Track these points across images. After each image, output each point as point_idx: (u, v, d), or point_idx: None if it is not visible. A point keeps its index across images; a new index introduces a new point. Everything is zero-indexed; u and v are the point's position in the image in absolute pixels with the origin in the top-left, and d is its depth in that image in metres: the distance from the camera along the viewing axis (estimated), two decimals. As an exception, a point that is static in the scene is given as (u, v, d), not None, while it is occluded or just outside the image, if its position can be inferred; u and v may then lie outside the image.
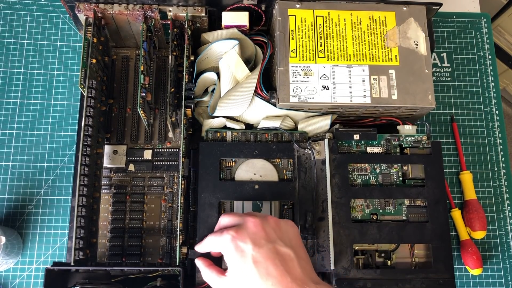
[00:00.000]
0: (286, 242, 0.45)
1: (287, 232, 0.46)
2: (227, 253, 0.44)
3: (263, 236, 0.44)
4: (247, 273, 0.42)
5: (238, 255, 0.43)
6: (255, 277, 0.42)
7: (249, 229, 0.44)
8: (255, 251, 0.43)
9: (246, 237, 0.43)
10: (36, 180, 0.63)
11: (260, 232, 0.44)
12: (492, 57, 0.74)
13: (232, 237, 0.44)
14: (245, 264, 0.43)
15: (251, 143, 0.58)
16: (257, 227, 0.44)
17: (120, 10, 0.57)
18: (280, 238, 0.44)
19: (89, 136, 0.54)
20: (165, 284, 0.54)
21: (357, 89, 0.57)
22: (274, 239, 0.44)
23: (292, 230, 0.47)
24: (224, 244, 0.44)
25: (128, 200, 0.60)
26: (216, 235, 0.46)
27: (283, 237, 0.45)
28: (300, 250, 0.45)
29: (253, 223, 0.45)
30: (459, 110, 0.71)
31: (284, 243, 0.44)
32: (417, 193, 0.56)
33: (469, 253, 0.64)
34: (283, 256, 0.43)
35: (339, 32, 0.58)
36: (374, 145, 0.58)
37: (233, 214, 0.48)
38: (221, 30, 0.61)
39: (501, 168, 0.69)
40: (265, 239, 0.44)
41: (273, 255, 0.43)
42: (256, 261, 0.42)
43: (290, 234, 0.46)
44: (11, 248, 0.58)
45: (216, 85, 0.60)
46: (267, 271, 0.42)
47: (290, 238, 0.45)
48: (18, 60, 0.67)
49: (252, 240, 0.43)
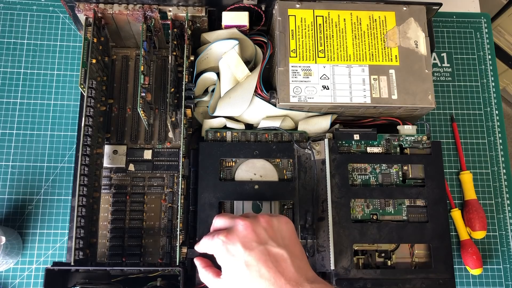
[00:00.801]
0: (279, 241, 0.44)
1: (280, 231, 0.45)
2: (219, 257, 0.44)
3: (253, 239, 0.43)
4: (240, 277, 0.42)
5: (229, 259, 0.43)
6: (248, 280, 0.42)
7: (239, 233, 0.44)
8: (247, 255, 0.42)
9: (237, 240, 0.43)
10: (36, 180, 0.63)
11: (250, 234, 0.43)
12: (492, 57, 0.74)
13: (223, 242, 0.43)
14: (237, 268, 0.42)
15: (251, 143, 0.58)
16: (247, 230, 0.44)
17: (120, 10, 0.57)
18: (272, 238, 0.44)
19: (89, 136, 0.54)
20: (165, 284, 0.54)
21: (357, 89, 0.57)
22: (265, 240, 0.43)
23: (286, 228, 0.46)
24: (215, 248, 0.44)
25: (128, 200, 0.60)
26: (208, 239, 0.45)
27: (276, 236, 0.44)
28: (295, 247, 0.45)
29: (243, 226, 0.44)
30: (459, 110, 0.71)
31: (277, 243, 0.43)
32: (417, 193, 0.56)
33: (469, 253, 0.64)
34: (276, 257, 0.43)
35: (339, 32, 0.58)
36: (374, 145, 0.58)
37: (226, 216, 0.47)
38: (221, 30, 0.61)
39: (501, 168, 0.69)
40: (256, 241, 0.43)
41: (265, 257, 0.42)
42: (248, 264, 0.42)
43: (283, 232, 0.45)
44: (11, 248, 0.58)
45: (216, 85, 0.60)
46: (260, 273, 0.42)
47: (284, 237, 0.45)
48: (18, 60, 0.67)
49: (242, 243, 0.43)
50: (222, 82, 0.60)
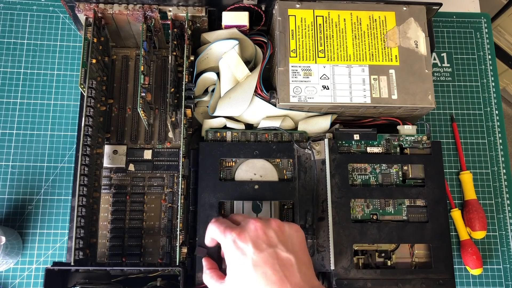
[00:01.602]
0: (288, 247, 0.44)
1: (290, 237, 0.45)
2: (228, 253, 0.44)
3: (264, 240, 0.43)
4: (245, 276, 0.42)
5: (238, 256, 0.43)
6: (253, 281, 0.42)
7: (251, 232, 0.44)
8: (256, 255, 0.42)
9: (248, 239, 0.43)
10: (36, 180, 0.63)
11: (262, 235, 0.44)
12: (492, 57, 0.74)
13: (234, 238, 0.44)
14: (244, 266, 0.43)
15: (251, 143, 0.58)
16: (260, 231, 0.44)
17: (120, 10, 0.57)
18: (282, 242, 0.44)
19: (89, 136, 0.54)
20: (165, 284, 0.54)
21: (357, 89, 0.57)
22: (275, 244, 0.44)
23: (296, 235, 0.46)
24: (226, 244, 0.44)
25: (128, 200, 0.60)
26: (220, 232, 0.45)
27: (286, 241, 0.44)
28: (303, 255, 0.45)
29: (255, 226, 0.44)
30: (459, 110, 0.71)
31: (286, 248, 0.44)
32: (417, 193, 0.56)
33: (469, 253, 0.64)
34: (283, 261, 0.43)
35: (339, 32, 0.58)
36: (374, 145, 0.58)
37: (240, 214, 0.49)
38: (221, 30, 0.61)
39: (501, 168, 0.69)
40: (267, 243, 0.43)
41: (273, 260, 0.42)
42: (255, 264, 0.42)
43: (293, 239, 0.45)
44: (11, 248, 0.58)
45: (216, 85, 0.60)
46: (265, 275, 0.42)
47: (293, 243, 0.45)
48: (18, 60, 0.67)
49: (253, 242, 0.43)
50: (222, 82, 0.60)
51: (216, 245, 0.50)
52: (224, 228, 0.45)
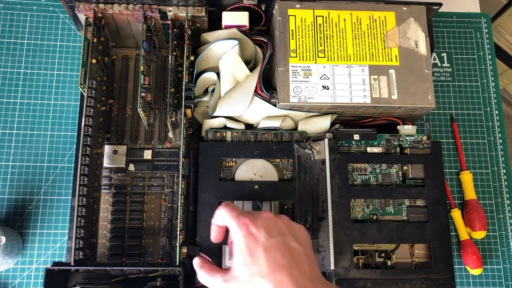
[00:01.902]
0: (297, 239, 0.45)
1: (297, 232, 0.47)
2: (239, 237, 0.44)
3: (276, 228, 0.45)
4: (254, 261, 0.43)
5: (249, 241, 0.44)
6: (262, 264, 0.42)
7: (264, 220, 0.45)
8: (267, 240, 0.43)
9: (261, 226, 0.44)
10: (36, 180, 0.63)
11: (273, 224, 0.45)
12: (492, 57, 0.74)
13: (248, 224, 0.45)
14: (255, 251, 0.43)
15: (251, 143, 0.58)
16: (271, 220, 0.46)
17: (120, 10, 0.57)
18: (292, 234, 0.45)
19: (89, 136, 0.54)
20: (165, 284, 0.54)
21: (357, 89, 0.57)
22: (285, 233, 0.45)
23: (302, 233, 0.47)
24: (238, 229, 0.45)
25: (128, 200, 0.60)
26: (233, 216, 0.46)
27: (294, 233, 0.46)
28: (309, 251, 0.46)
29: (267, 216, 0.46)
30: (459, 110, 0.71)
31: (295, 239, 0.45)
32: (417, 193, 0.56)
33: (469, 253, 0.64)
34: (293, 250, 0.44)
35: (339, 32, 0.58)
36: (374, 145, 0.58)
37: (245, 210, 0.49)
38: (221, 30, 0.61)
39: (501, 168, 0.69)
40: (278, 231, 0.45)
41: (283, 246, 0.43)
42: (266, 249, 0.43)
43: (300, 235, 0.47)
44: (11, 248, 0.58)
45: (216, 85, 0.60)
46: (275, 260, 0.42)
47: (300, 238, 0.46)
48: (18, 60, 0.67)
49: (265, 229, 0.44)
50: (222, 82, 0.60)
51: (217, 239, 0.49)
52: (238, 213, 0.46)
